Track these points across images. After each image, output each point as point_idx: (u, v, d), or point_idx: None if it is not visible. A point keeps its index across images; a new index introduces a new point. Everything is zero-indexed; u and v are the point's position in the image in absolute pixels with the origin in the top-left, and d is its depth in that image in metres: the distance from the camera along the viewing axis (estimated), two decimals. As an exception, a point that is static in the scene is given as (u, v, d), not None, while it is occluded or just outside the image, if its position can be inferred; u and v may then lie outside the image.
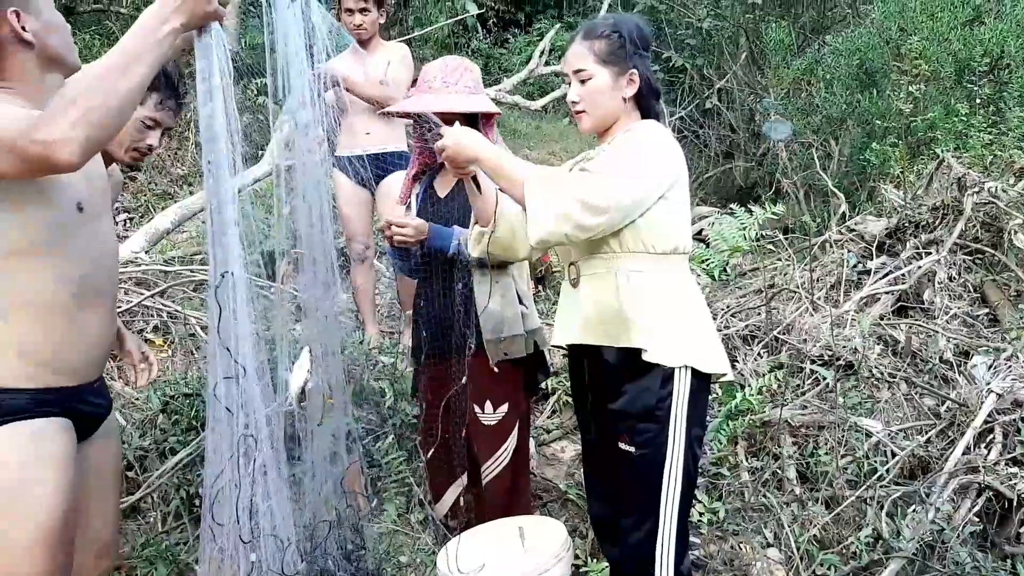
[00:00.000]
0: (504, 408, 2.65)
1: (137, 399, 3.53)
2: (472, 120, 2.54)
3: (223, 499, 1.82)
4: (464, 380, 2.62)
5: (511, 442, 2.68)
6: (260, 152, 6.26)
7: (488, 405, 2.64)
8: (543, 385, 3.92)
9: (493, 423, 2.65)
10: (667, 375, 2.03)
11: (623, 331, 2.05)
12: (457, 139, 2.04)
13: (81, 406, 1.86)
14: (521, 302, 2.64)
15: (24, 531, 1.70)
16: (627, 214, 1.99)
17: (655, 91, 2.18)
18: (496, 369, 2.61)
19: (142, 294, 4.18)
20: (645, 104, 2.18)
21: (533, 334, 2.68)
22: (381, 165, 4.08)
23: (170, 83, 2.20)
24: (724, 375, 2.15)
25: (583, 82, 2.13)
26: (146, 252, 4.96)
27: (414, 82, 2.73)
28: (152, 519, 3.11)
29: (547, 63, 9.64)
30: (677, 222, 2.08)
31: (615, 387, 2.11)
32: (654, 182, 2.00)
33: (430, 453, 2.87)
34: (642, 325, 2.03)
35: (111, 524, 2.09)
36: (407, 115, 2.78)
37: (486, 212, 2.28)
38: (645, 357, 2.02)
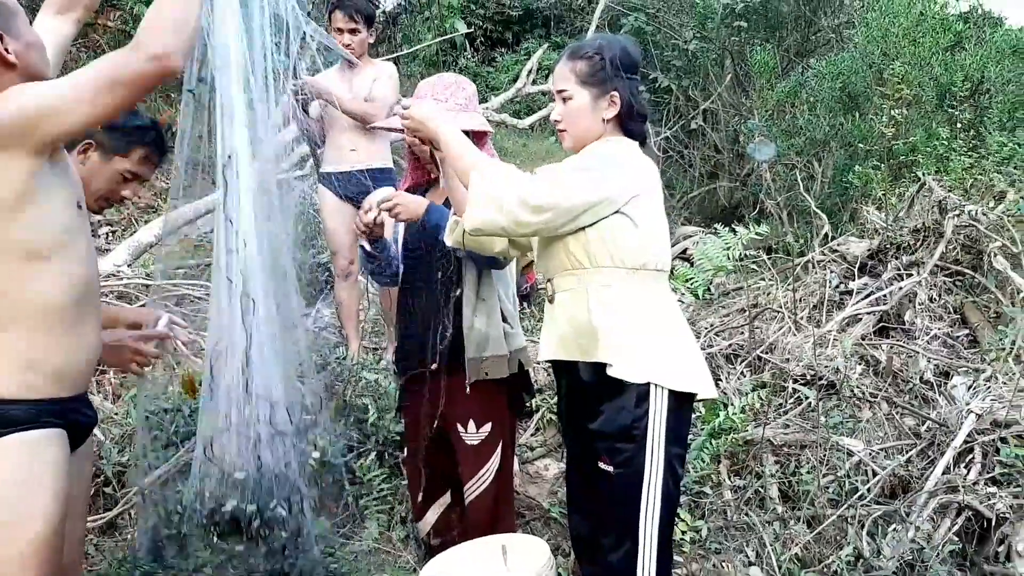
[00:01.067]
0: (487, 427, 2.62)
1: (116, 414, 3.50)
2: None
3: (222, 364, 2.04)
4: (443, 398, 2.61)
5: (494, 462, 2.64)
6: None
7: (471, 424, 2.62)
8: (528, 403, 3.92)
9: (476, 443, 2.63)
10: (642, 394, 2.02)
11: (593, 345, 2.06)
12: (424, 115, 2.15)
13: (77, 417, 1.87)
14: (506, 321, 2.62)
15: (23, 542, 1.71)
16: (570, 219, 2.01)
17: (639, 114, 2.19)
18: (468, 389, 2.58)
19: (123, 307, 4.14)
20: (629, 126, 2.20)
21: (517, 354, 2.65)
22: (366, 181, 4.09)
23: (159, 140, 2.24)
24: (698, 394, 2.12)
25: (565, 101, 2.17)
26: (128, 266, 4.93)
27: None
28: (129, 536, 3.07)
29: (534, 82, 9.69)
30: (644, 238, 2.07)
31: (592, 406, 2.11)
32: (603, 192, 2.02)
33: (412, 471, 2.86)
34: (609, 340, 2.03)
35: (76, 544, 2.08)
36: (393, 129, 2.78)
37: (463, 202, 2.29)
38: (610, 372, 2.03)
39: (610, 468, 2.06)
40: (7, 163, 1.64)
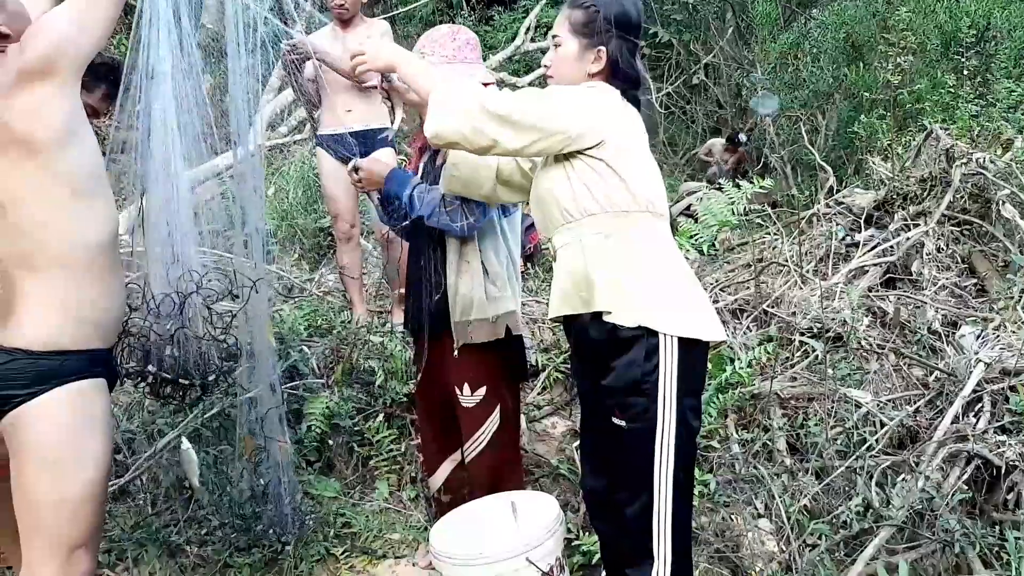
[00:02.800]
0: (482, 392, 2.62)
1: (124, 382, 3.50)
2: None
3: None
4: (441, 360, 2.63)
5: (490, 424, 2.64)
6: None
7: (467, 388, 2.63)
8: (534, 362, 3.92)
9: (471, 405, 2.64)
10: (652, 347, 2.00)
11: (591, 295, 2.04)
12: (376, 49, 2.15)
13: (113, 368, 2.00)
14: (494, 284, 2.58)
15: (79, 486, 1.84)
16: (526, 140, 1.99)
17: (629, 77, 2.14)
18: (457, 353, 2.59)
19: (128, 276, 4.13)
20: (617, 86, 2.15)
21: (504, 318, 2.60)
22: (364, 142, 4.04)
23: (117, 77, 2.23)
24: (709, 341, 2.10)
25: (556, 47, 2.17)
26: (130, 234, 4.90)
27: None
28: (141, 501, 3.09)
29: (532, 40, 9.55)
30: (630, 181, 2.05)
31: (603, 363, 2.09)
32: (560, 124, 2.00)
33: (424, 427, 2.89)
34: (604, 286, 2.02)
35: None
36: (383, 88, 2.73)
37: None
38: (607, 319, 2.01)
39: (623, 423, 2.05)
40: (57, 92, 1.71)
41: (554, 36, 2.18)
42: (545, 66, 2.23)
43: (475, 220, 2.47)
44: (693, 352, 2.05)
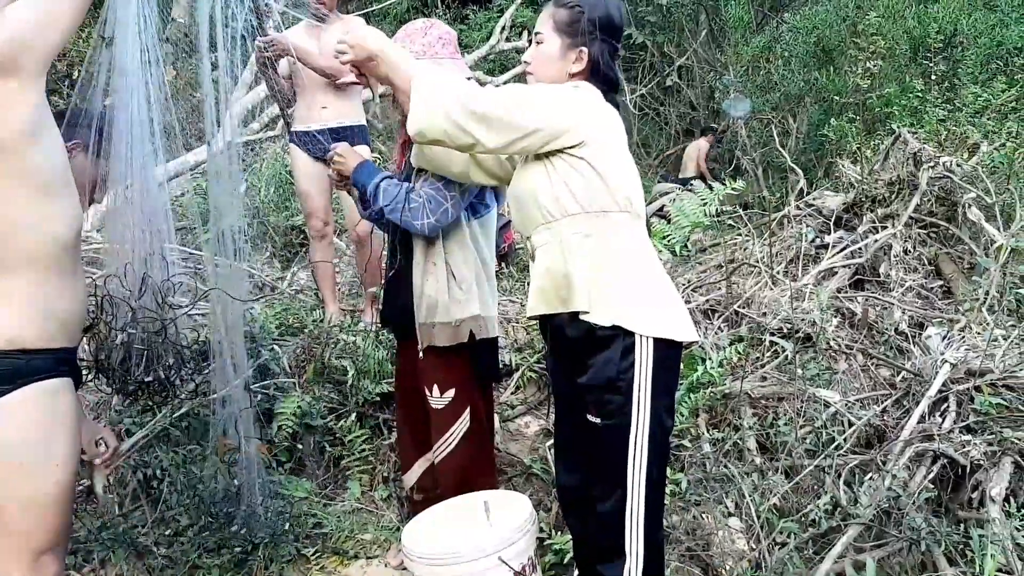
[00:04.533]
0: (451, 394, 2.61)
1: (91, 381, 3.45)
2: None
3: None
4: (412, 361, 2.63)
5: (459, 427, 2.64)
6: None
7: (436, 389, 2.62)
8: (507, 362, 3.92)
9: (440, 407, 2.63)
10: (628, 346, 2.02)
11: (569, 294, 2.05)
12: (360, 36, 2.09)
13: (77, 368, 1.94)
14: (459, 287, 2.55)
15: (47, 488, 1.79)
16: (507, 139, 1.99)
17: (608, 80, 2.16)
18: (423, 355, 2.58)
19: (93, 274, 4.07)
20: (597, 87, 2.15)
21: (468, 323, 2.57)
22: (340, 139, 4.02)
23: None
24: (683, 341, 2.11)
25: (538, 44, 2.17)
26: (98, 231, 4.83)
27: None
28: (108, 502, 3.04)
29: (508, 39, 9.56)
30: (609, 180, 2.05)
31: (580, 361, 2.10)
32: (542, 122, 2.00)
33: (400, 425, 2.89)
34: (583, 286, 2.03)
35: None
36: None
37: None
38: (584, 318, 2.02)
39: (598, 420, 2.06)
40: (21, 89, 1.67)
41: (537, 33, 2.17)
42: (525, 62, 2.22)
43: (437, 220, 2.44)
44: (668, 352, 2.07)
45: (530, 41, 2.21)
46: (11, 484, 1.77)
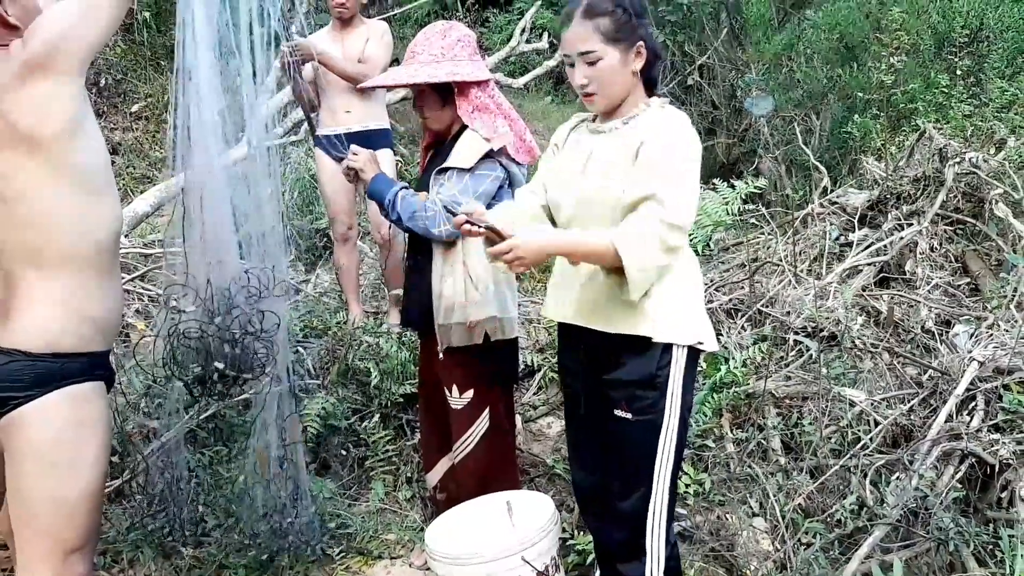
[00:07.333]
0: (470, 394, 2.63)
1: (119, 383, 3.49)
2: (445, 88, 2.50)
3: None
4: (433, 361, 2.65)
5: (479, 427, 2.65)
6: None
7: (455, 389, 2.64)
8: (528, 363, 3.92)
9: (460, 407, 2.64)
10: (667, 345, 2.04)
11: (628, 316, 2.01)
12: (522, 249, 1.90)
13: (111, 371, 1.99)
14: (476, 289, 2.54)
15: (77, 489, 1.83)
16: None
17: (659, 56, 2.11)
18: (442, 356, 2.59)
19: (123, 278, 4.13)
20: (650, 73, 2.12)
21: (484, 324, 2.56)
22: (363, 143, 4.02)
23: None
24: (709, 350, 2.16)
25: (591, 64, 2.01)
26: (125, 236, 4.90)
27: (395, 61, 2.69)
28: (137, 502, 3.08)
29: (528, 41, 9.57)
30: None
31: (612, 359, 2.09)
32: (698, 178, 2.01)
33: (424, 423, 2.93)
34: (649, 311, 2.00)
35: None
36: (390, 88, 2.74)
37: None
38: (655, 340, 2.02)
39: (628, 415, 2.06)
40: (62, 86, 1.70)
41: (585, 52, 2.00)
42: (582, 85, 2.04)
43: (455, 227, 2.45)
44: (696, 355, 2.12)
45: (560, 54, 2.12)
46: (42, 484, 1.80)
